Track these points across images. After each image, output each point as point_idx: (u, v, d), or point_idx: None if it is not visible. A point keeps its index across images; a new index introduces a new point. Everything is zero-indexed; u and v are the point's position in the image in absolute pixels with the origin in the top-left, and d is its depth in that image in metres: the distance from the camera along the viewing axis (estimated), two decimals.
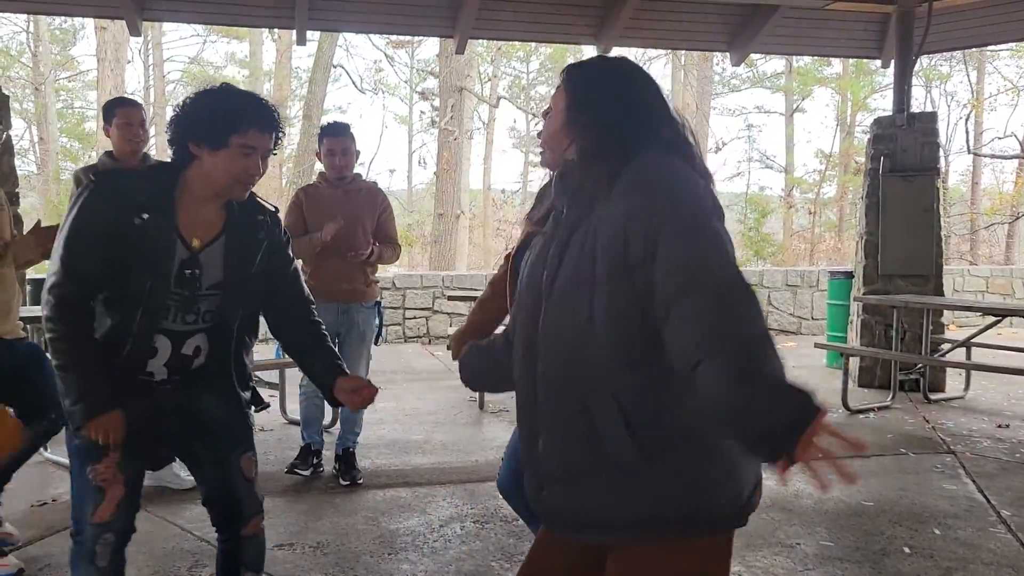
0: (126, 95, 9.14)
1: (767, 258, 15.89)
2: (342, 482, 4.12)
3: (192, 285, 2.04)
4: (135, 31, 7.00)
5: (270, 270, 2.18)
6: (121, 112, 3.81)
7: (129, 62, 17.31)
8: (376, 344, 4.32)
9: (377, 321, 4.29)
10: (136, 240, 1.95)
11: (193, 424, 2.16)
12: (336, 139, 4.08)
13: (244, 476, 2.21)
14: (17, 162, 5.89)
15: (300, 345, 2.28)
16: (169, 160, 2.07)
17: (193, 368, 2.13)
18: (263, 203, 2.21)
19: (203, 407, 2.16)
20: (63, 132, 18.96)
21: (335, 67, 18.44)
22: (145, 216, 1.96)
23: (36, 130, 18.85)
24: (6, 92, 5.73)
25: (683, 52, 16.91)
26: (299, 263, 2.38)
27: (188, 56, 19.88)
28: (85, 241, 1.96)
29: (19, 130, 18.55)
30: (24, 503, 3.73)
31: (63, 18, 16.66)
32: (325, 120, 15.03)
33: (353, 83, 20.86)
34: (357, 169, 4.28)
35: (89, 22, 16.05)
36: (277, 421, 5.40)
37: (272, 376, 5.86)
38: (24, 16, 16.05)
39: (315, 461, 4.22)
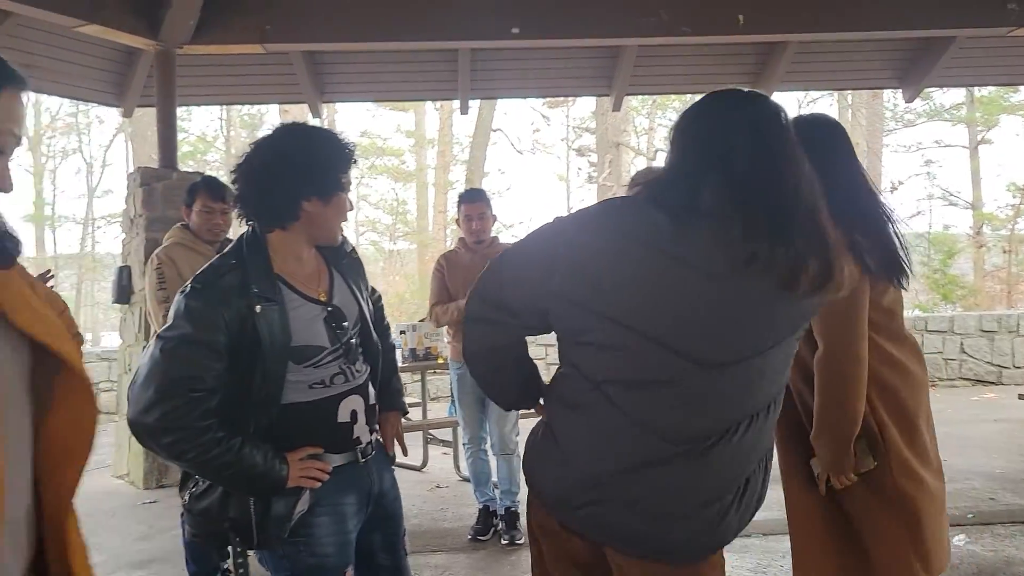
0: None
1: (957, 301, 14.67)
2: (502, 542, 4.14)
3: (344, 334, 1.90)
4: (316, 113, 7.57)
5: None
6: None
7: None
8: None
9: None
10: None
11: (376, 511, 1.97)
12: (472, 205, 4.24)
13: (407, 552, 2.08)
14: None
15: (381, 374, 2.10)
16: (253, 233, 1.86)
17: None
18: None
19: (384, 483, 2.00)
20: None
21: (494, 131, 19.17)
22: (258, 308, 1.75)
23: None
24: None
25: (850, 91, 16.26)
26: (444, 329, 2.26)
27: (359, 129, 21.24)
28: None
29: None
30: None
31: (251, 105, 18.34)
32: (463, 186, 15.59)
33: (512, 144, 21.50)
34: (509, 229, 4.39)
35: (274, 107, 17.56)
36: (452, 478, 5.54)
37: (445, 434, 6.03)
38: (219, 106, 17.87)
39: (495, 521, 4.26)
